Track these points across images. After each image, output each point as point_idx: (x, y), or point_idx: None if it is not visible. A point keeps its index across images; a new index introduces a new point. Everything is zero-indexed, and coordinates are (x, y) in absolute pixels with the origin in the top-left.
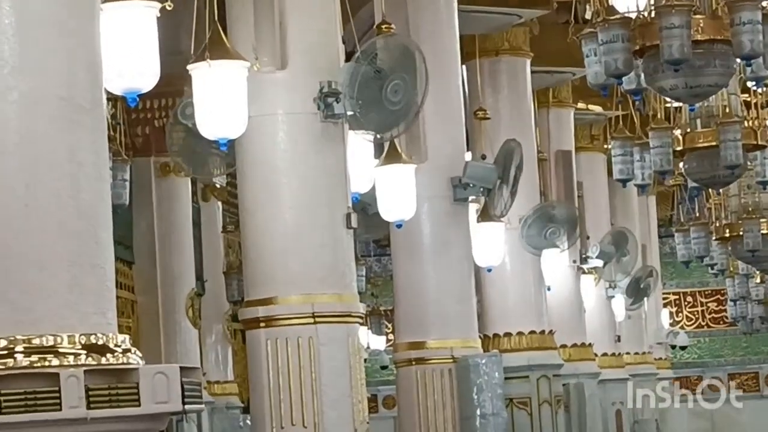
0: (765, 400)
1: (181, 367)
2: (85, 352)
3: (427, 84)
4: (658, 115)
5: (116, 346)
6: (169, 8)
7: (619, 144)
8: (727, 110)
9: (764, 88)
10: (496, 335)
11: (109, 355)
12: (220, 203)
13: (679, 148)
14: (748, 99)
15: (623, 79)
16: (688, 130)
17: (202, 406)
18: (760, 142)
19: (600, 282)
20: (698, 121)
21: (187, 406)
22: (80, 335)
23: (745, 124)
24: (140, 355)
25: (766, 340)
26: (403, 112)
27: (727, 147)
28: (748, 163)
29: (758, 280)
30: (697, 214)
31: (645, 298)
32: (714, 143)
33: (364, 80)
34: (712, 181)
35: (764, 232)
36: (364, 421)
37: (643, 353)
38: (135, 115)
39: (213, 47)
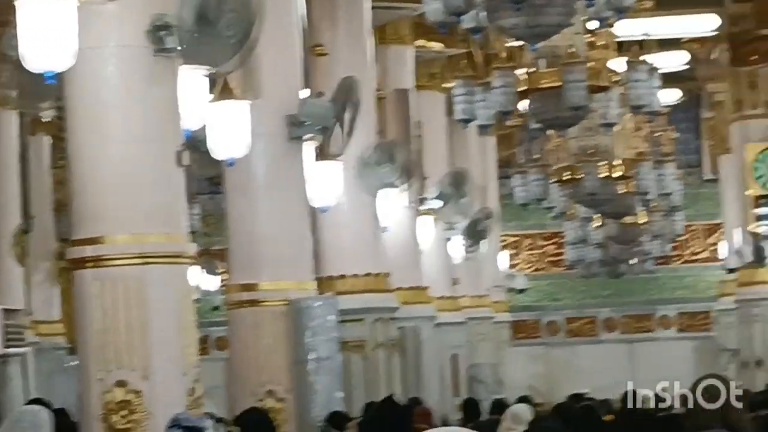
0: (602, 344)
1: (3, 309)
2: None
3: (263, 18)
4: (502, 55)
5: None
6: None
7: (462, 83)
8: (572, 50)
9: (607, 29)
10: (331, 277)
11: None
12: (49, 138)
13: (522, 89)
14: (593, 39)
15: (463, 17)
16: (532, 69)
17: (26, 349)
18: (603, 84)
19: (438, 223)
20: (543, 61)
21: (9, 349)
22: None
23: (590, 64)
24: None
25: (604, 284)
26: (237, 46)
27: (571, 88)
28: (592, 105)
29: (597, 224)
30: (537, 156)
31: (483, 241)
32: (558, 84)
33: (198, 14)
34: (555, 123)
35: (603, 175)
36: (195, 364)
37: (481, 296)
38: None
39: None
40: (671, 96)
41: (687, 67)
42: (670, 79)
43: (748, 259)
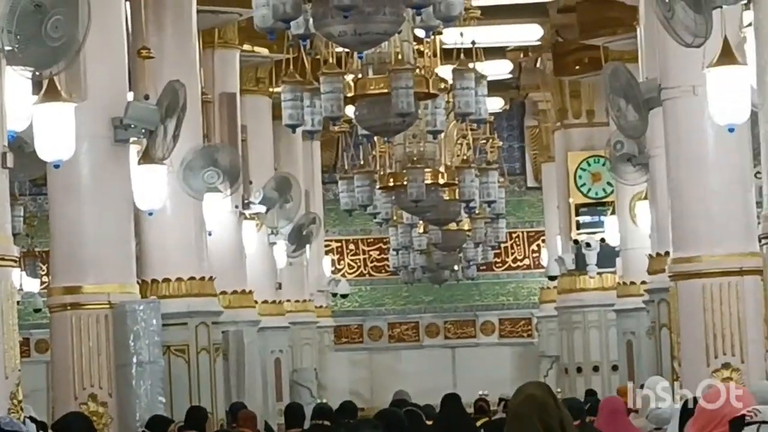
0: (425, 349)
1: None
2: None
3: (89, 20)
4: (330, 60)
5: None
6: None
7: (290, 89)
8: (400, 57)
9: (435, 37)
10: (155, 281)
11: None
12: None
13: (350, 94)
14: (420, 47)
15: (291, 23)
16: (360, 76)
17: None
18: (431, 91)
19: (262, 228)
20: (371, 67)
21: None
22: None
23: (417, 71)
24: None
25: (426, 290)
26: (63, 48)
27: (398, 95)
28: (419, 112)
29: (421, 230)
30: (362, 162)
31: (307, 245)
32: (386, 90)
33: (23, 14)
34: (382, 129)
35: (428, 182)
36: (16, 367)
37: (304, 301)
38: None
39: None
40: (496, 104)
41: (511, 76)
42: (495, 88)
43: (569, 267)
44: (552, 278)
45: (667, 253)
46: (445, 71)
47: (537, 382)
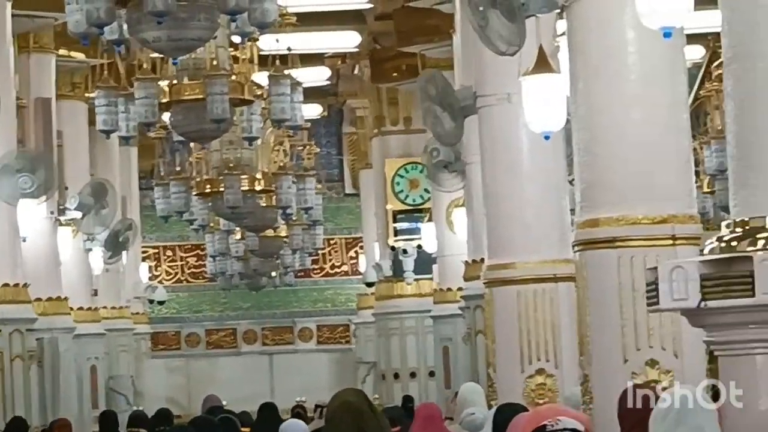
0: (242, 356)
1: None
2: None
3: None
4: (145, 66)
5: None
6: None
7: (104, 94)
8: (215, 63)
9: (251, 43)
10: None
11: None
12: None
13: (165, 100)
14: (236, 54)
15: (105, 28)
16: (175, 81)
17: None
18: (247, 97)
19: (78, 234)
20: (186, 73)
21: None
22: None
23: (233, 77)
24: None
25: (244, 296)
26: None
27: (213, 101)
28: (234, 118)
29: (238, 237)
30: (179, 168)
31: (123, 252)
32: (201, 96)
33: None
34: (198, 135)
35: (245, 188)
36: None
37: (121, 307)
38: None
39: None
40: (314, 111)
41: (329, 82)
42: (313, 94)
43: (387, 273)
44: (369, 285)
45: (482, 260)
46: (262, 77)
47: (353, 389)
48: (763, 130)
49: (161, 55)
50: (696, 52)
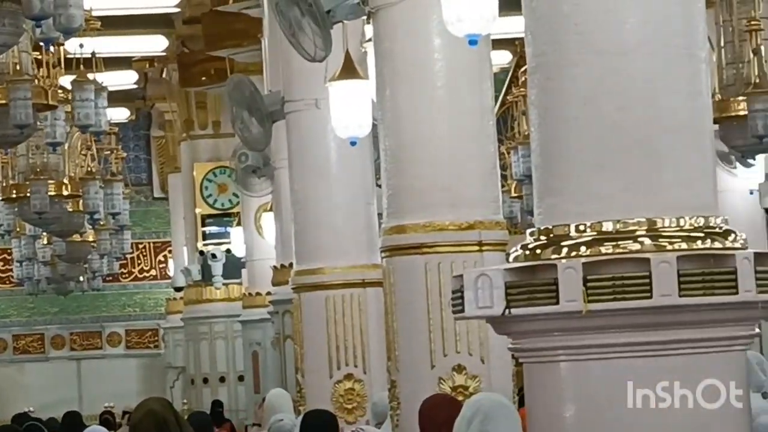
0: (50, 362)
1: None
2: None
3: None
4: None
5: None
6: None
7: None
8: (18, 68)
9: (55, 48)
10: None
11: None
12: None
13: None
14: (40, 57)
15: None
16: None
17: None
18: (51, 102)
19: None
20: None
21: None
22: None
23: (36, 82)
24: None
25: (52, 301)
26: None
27: (16, 106)
28: (38, 123)
29: (45, 241)
30: None
31: None
32: (4, 101)
33: None
34: (2, 140)
35: (52, 193)
36: None
37: None
38: None
39: None
40: (121, 114)
41: (137, 86)
42: (121, 98)
43: (196, 278)
44: (178, 289)
45: (291, 265)
46: (68, 82)
47: (158, 397)
48: (566, 139)
49: None
50: (503, 57)
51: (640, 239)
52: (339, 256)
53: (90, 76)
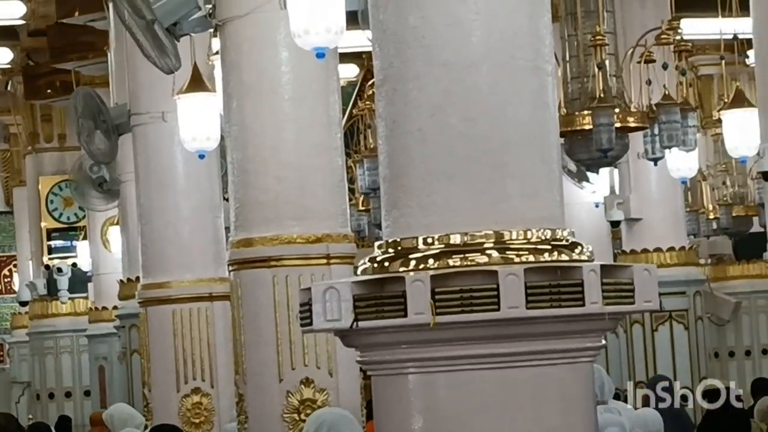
0: None
1: None
2: None
3: None
4: None
5: None
6: None
7: None
8: None
9: None
10: None
11: None
12: None
13: None
14: None
15: None
16: None
17: None
18: None
19: None
20: None
21: None
22: None
23: None
24: None
25: None
26: None
27: None
28: None
29: None
30: None
31: None
32: None
33: None
34: None
35: None
36: None
37: None
38: None
39: None
40: None
41: None
42: None
43: (41, 292)
44: (23, 303)
45: (138, 279)
46: None
47: (2, 412)
48: (413, 151)
49: None
50: (351, 71)
51: (487, 252)
52: (186, 269)
53: None
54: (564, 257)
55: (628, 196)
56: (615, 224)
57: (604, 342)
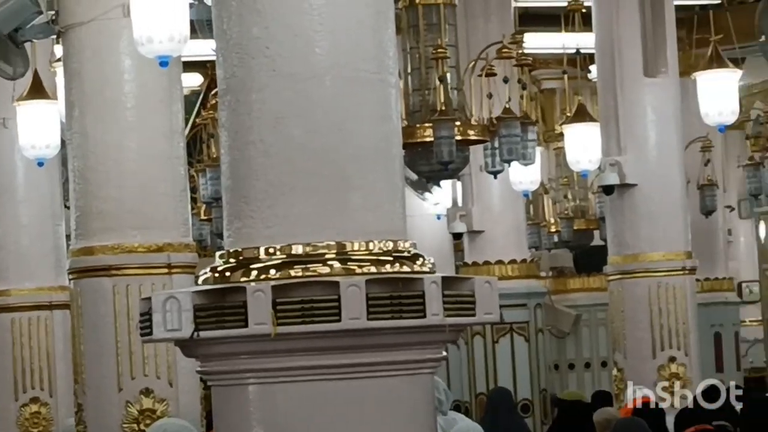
0: None
1: None
2: None
3: None
4: None
5: None
6: None
7: None
8: None
9: None
10: None
11: None
12: None
13: None
14: None
15: None
16: None
17: None
18: None
19: None
20: None
21: None
22: None
23: None
24: None
25: None
26: None
27: None
28: None
29: None
30: None
31: None
32: None
33: None
34: None
35: None
36: None
37: None
38: None
39: None
40: None
41: None
42: None
43: None
44: None
45: None
46: None
47: None
48: (256, 161)
49: None
50: (194, 80)
51: (329, 262)
52: (25, 277)
53: None
54: (405, 269)
55: (470, 208)
56: (457, 236)
57: (444, 353)
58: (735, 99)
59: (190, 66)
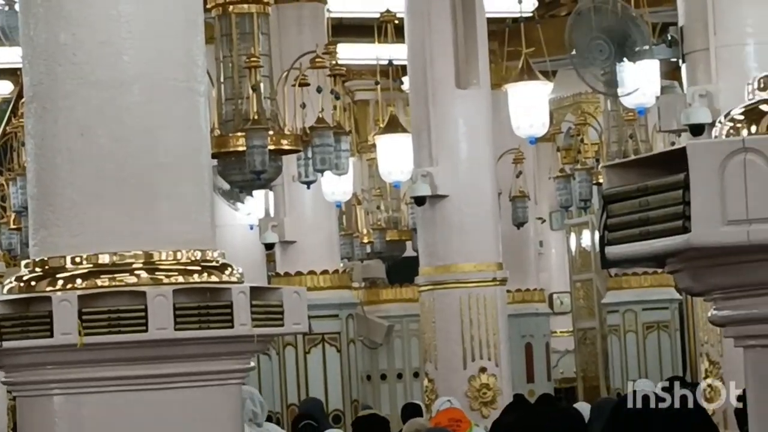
0: None
1: None
2: None
3: None
4: None
5: None
6: None
7: None
8: None
9: None
10: None
11: None
12: None
13: None
14: None
15: None
16: None
17: None
18: None
19: None
20: None
21: None
22: None
23: None
24: None
25: None
26: None
27: None
28: None
29: None
30: None
31: None
32: None
33: None
34: None
35: None
36: None
37: None
38: None
39: None
40: None
41: None
42: None
43: None
44: None
45: None
46: None
47: None
48: (62, 169)
49: None
50: (5, 87)
51: (136, 272)
52: None
53: None
54: (214, 278)
55: (282, 218)
56: (269, 247)
57: (253, 364)
58: (546, 111)
59: (1, 73)
